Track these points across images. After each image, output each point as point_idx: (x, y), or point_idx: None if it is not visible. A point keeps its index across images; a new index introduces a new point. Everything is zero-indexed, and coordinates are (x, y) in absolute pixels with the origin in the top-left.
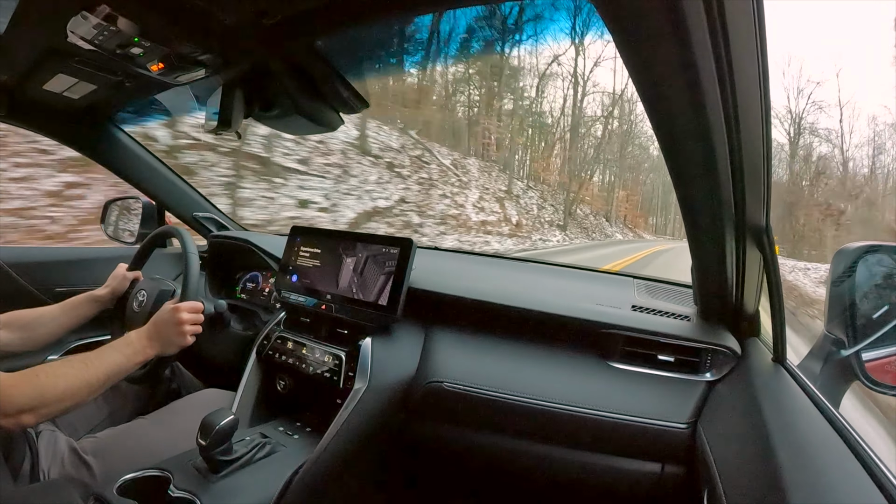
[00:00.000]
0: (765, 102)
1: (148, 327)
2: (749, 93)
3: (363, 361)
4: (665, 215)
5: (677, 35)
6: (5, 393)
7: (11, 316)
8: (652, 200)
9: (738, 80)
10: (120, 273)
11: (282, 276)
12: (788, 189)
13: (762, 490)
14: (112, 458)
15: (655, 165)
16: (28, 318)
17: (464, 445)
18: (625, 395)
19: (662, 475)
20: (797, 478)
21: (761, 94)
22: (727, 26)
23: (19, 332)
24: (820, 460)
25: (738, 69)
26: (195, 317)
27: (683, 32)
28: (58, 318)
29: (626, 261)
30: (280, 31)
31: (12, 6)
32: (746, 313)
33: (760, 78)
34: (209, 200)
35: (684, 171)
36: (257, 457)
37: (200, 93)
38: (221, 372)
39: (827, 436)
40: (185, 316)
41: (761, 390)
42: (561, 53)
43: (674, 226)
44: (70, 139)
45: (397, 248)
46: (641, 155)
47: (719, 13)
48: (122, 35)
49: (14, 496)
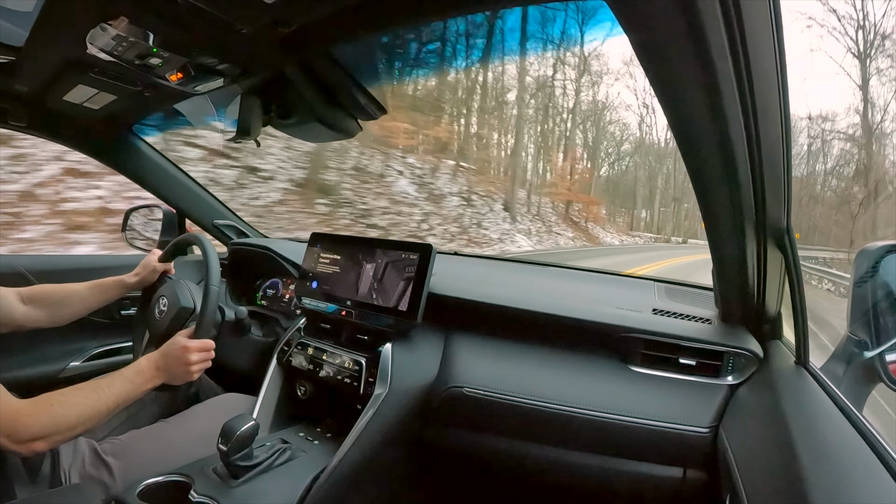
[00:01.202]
0: (783, 104)
1: (157, 358)
2: (768, 95)
3: (383, 367)
4: (650, 205)
5: (694, 37)
6: (21, 422)
7: (40, 292)
8: (624, 182)
9: (756, 82)
10: (151, 264)
11: (302, 282)
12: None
13: (785, 495)
14: (132, 459)
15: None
16: (57, 297)
17: (484, 451)
18: (646, 400)
19: (684, 480)
20: (820, 482)
21: (780, 96)
22: (744, 27)
23: (47, 310)
24: (843, 464)
25: (756, 71)
26: (204, 355)
27: (700, 34)
28: (85, 299)
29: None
30: (296, 40)
31: (32, 19)
32: (768, 315)
33: (779, 79)
34: (229, 208)
35: (704, 173)
36: (277, 462)
37: (219, 101)
38: (242, 378)
39: (851, 439)
40: (193, 357)
41: (784, 393)
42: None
43: (660, 222)
44: (91, 149)
45: (417, 254)
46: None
47: (736, 14)
48: (140, 46)
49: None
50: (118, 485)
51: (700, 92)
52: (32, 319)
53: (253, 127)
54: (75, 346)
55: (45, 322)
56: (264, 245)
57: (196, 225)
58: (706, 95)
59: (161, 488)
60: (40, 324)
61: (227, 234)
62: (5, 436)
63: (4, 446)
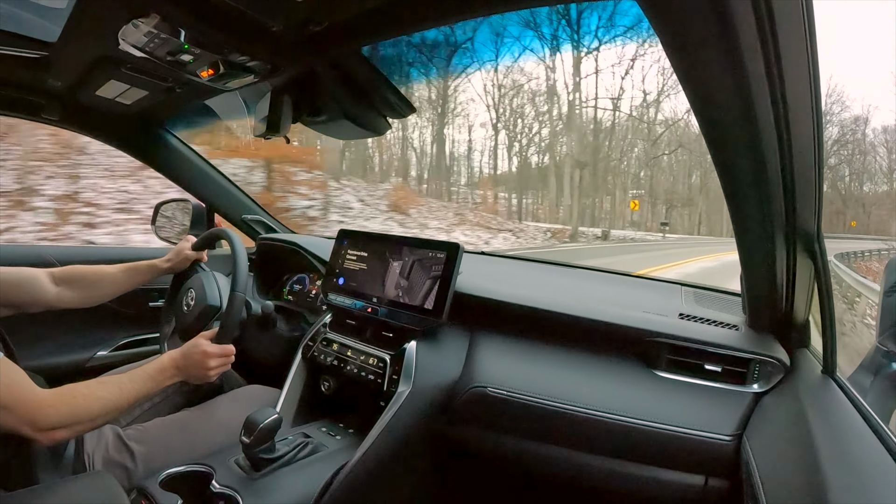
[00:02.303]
0: (816, 108)
1: (178, 357)
2: (800, 99)
3: (408, 364)
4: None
5: (726, 39)
6: (44, 411)
7: (73, 272)
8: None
9: (788, 85)
10: (184, 251)
11: (328, 278)
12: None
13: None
14: (155, 446)
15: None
16: (90, 278)
17: (505, 452)
18: (669, 405)
19: (705, 488)
20: (844, 496)
21: (812, 100)
22: (776, 30)
23: (80, 291)
24: (868, 478)
25: (788, 74)
26: (223, 360)
27: (732, 36)
28: (118, 282)
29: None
30: (327, 38)
31: (65, 15)
32: (796, 323)
33: (811, 83)
34: (258, 203)
35: (735, 178)
36: (299, 456)
37: (250, 98)
38: (267, 372)
39: (877, 453)
40: (212, 363)
41: (810, 403)
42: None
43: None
44: (123, 143)
45: (444, 253)
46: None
47: (768, 16)
48: (172, 43)
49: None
50: (140, 470)
51: (730, 93)
52: (64, 300)
53: (283, 123)
54: (103, 336)
55: (77, 303)
56: (292, 240)
57: (225, 219)
58: (736, 97)
59: (183, 478)
60: (72, 304)
61: (255, 228)
62: (27, 424)
63: (26, 434)
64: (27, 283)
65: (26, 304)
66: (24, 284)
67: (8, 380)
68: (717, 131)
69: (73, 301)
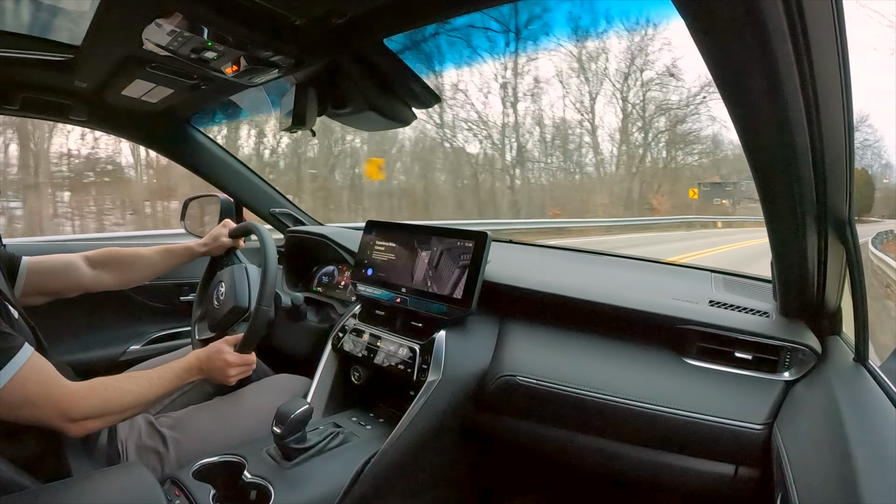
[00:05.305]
0: (846, 90)
1: (203, 359)
2: (829, 81)
3: (437, 354)
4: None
5: (753, 20)
6: (75, 402)
7: (110, 255)
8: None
9: (817, 66)
10: (220, 237)
11: (357, 269)
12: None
13: (838, 497)
14: (187, 433)
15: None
16: (126, 261)
17: (534, 440)
18: (700, 393)
19: (735, 477)
20: (875, 485)
21: (842, 82)
22: (804, 10)
23: (117, 273)
24: None
25: (817, 55)
26: (243, 369)
27: (759, 17)
28: (155, 263)
29: None
30: (350, 30)
31: (89, 18)
32: (828, 310)
33: (840, 64)
34: (285, 196)
35: (764, 163)
36: (330, 446)
37: (275, 92)
38: (297, 363)
39: None
40: (233, 371)
41: (841, 392)
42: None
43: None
44: (150, 141)
45: (472, 242)
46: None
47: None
48: (195, 40)
49: (92, 478)
50: (172, 455)
51: (759, 77)
52: (102, 283)
53: (308, 116)
54: (135, 330)
55: (114, 285)
56: (320, 232)
57: (253, 213)
58: (765, 80)
59: (215, 468)
60: (109, 287)
61: (283, 221)
62: (60, 415)
63: (58, 426)
64: (64, 269)
65: (65, 290)
66: (60, 271)
67: (39, 375)
68: (746, 114)
69: (110, 284)
